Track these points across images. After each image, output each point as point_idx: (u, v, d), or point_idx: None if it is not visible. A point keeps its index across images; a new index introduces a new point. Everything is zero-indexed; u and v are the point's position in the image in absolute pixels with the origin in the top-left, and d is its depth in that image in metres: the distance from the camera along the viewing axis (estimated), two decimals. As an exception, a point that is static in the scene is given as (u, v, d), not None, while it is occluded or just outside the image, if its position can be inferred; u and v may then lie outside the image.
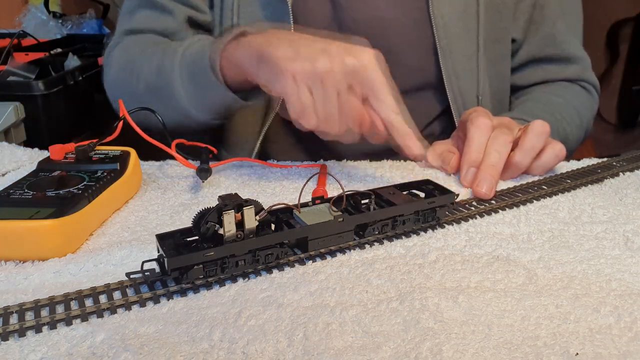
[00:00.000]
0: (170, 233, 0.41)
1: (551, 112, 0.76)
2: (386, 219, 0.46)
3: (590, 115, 0.84)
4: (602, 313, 0.37)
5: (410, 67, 0.77)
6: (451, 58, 0.74)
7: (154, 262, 0.41)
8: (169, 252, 0.39)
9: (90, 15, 1.65)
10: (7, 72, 0.95)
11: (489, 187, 0.55)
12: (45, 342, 0.34)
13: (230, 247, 0.40)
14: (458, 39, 0.74)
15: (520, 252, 0.45)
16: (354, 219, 0.45)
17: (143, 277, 0.39)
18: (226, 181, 0.61)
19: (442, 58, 0.74)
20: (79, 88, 1.00)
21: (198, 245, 0.40)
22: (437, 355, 0.33)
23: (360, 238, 0.46)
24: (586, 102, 0.83)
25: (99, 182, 0.50)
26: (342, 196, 0.45)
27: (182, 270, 0.39)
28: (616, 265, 0.43)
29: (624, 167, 0.63)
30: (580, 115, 0.81)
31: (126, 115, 0.57)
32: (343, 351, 0.33)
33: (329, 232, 0.44)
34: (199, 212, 0.40)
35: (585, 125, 0.82)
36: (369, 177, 0.62)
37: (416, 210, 0.47)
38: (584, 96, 0.84)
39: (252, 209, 0.40)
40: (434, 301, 0.38)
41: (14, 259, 0.44)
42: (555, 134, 0.73)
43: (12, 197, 0.47)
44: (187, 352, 0.33)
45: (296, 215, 0.44)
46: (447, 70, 0.75)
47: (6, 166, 0.64)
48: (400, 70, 0.76)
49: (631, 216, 0.51)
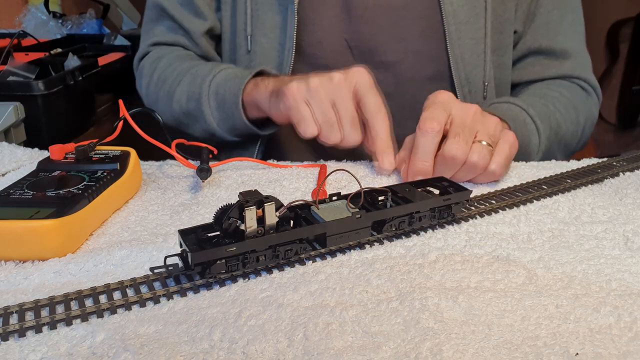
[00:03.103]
0: (192, 229, 0.41)
1: (544, 102, 0.76)
2: (403, 216, 0.47)
3: (589, 115, 0.83)
4: (602, 313, 0.37)
5: (420, 55, 0.77)
6: (459, 44, 0.75)
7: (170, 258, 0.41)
8: (192, 247, 0.39)
9: (90, 15, 1.65)
10: (7, 72, 0.95)
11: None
12: (45, 342, 0.34)
13: (251, 243, 0.40)
14: (466, 25, 0.75)
15: (520, 252, 0.45)
16: (372, 215, 0.45)
17: (167, 271, 0.40)
18: (226, 181, 0.61)
19: (449, 44, 0.75)
20: (79, 88, 1.00)
21: (220, 241, 0.41)
22: (437, 355, 0.33)
23: (378, 234, 0.46)
24: (585, 100, 0.82)
25: (99, 182, 0.50)
26: (359, 193, 0.46)
27: (205, 265, 0.39)
28: (616, 265, 0.43)
29: (624, 167, 0.63)
30: (576, 111, 0.80)
31: (126, 115, 0.57)
32: (343, 351, 0.33)
33: (347, 228, 0.44)
34: (221, 207, 0.41)
35: (582, 122, 0.81)
36: (369, 177, 0.63)
37: (432, 207, 0.48)
38: (582, 95, 0.83)
39: (272, 205, 0.41)
40: (434, 301, 0.38)
41: (14, 259, 0.44)
42: (546, 122, 0.74)
43: (12, 197, 0.47)
44: (187, 352, 0.33)
45: (314, 211, 0.45)
46: (454, 57, 0.75)
47: (6, 166, 0.64)
48: (410, 59, 0.78)
49: (631, 216, 0.51)
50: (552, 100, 0.77)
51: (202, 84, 0.77)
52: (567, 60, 0.81)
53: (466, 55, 0.76)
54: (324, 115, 0.62)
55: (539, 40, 0.81)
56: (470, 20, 0.75)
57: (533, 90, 0.81)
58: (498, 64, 0.80)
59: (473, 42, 0.75)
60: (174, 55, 0.85)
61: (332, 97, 0.62)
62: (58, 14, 1.66)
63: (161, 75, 0.84)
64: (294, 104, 0.63)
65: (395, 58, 0.78)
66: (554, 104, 0.76)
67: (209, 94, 0.76)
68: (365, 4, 0.76)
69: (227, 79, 0.75)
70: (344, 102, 0.62)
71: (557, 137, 0.76)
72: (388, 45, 0.77)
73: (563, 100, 0.78)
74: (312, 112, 0.62)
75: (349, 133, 0.62)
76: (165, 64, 0.84)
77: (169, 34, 0.87)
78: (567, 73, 0.82)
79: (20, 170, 0.62)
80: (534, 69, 0.83)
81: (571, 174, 0.61)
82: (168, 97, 0.82)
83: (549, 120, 0.74)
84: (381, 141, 0.62)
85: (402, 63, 0.78)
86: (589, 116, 0.83)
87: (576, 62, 0.82)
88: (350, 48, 0.79)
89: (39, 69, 1.00)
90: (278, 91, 0.66)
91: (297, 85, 0.63)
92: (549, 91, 0.79)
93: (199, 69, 0.80)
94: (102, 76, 1.11)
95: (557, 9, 0.80)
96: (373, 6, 0.76)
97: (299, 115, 0.63)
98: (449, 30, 0.74)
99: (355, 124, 0.62)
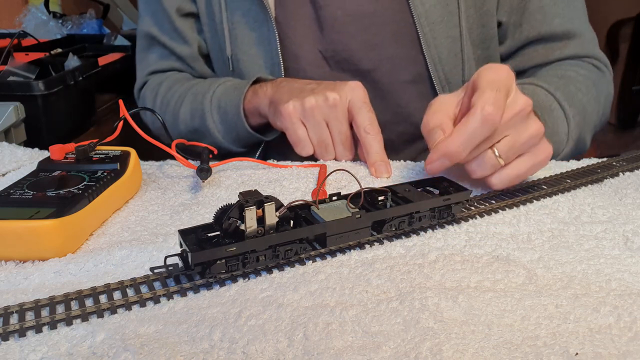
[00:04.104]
0: (192, 229, 0.41)
1: (565, 82, 0.71)
2: (403, 216, 0.47)
3: (606, 92, 0.78)
4: (602, 313, 0.37)
5: (397, 59, 0.77)
6: (434, 44, 0.74)
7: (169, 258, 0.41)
8: (192, 247, 0.39)
9: (90, 15, 1.65)
10: (7, 72, 0.95)
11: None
12: (45, 342, 0.34)
13: (251, 243, 0.40)
14: (440, 24, 0.74)
15: (520, 252, 0.45)
16: (371, 215, 0.45)
17: (167, 271, 0.40)
18: (226, 181, 0.61)
19: (424, 45, 0.74)
20: (79, 88, 1.00)
21: (220, 241, 0.41)
22: (437, 355, 0.33)
23: (378, 234, 0.47)
24: (601, 78, 0.78)
25: (99, 182, 0.50)
26: (359, 193, 0.46)
27: (205, 265, 0.39)
28: (616, 265, 0.43)
29: (624, 167, 0.63)
30: (596, 88, 0.74)
31: (126, 115, 0.58)
32: (343, 351, 0.33)
33: (347, 228, 0.44)
34: (221, 207, 0.41)
35: (602, 101, 0.76)
36: (368, 177, 0.63)
37: (432, 207, 0.48)
38: (597, 73, 0.78)
39: (272, 205, 0.41)
40: (433, 301, 0.38)
41: (14, 259, 0.44)
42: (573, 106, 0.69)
43: (13, 197, 0.47)
44: (187, 352, 0.33)
45: (314, 211, 0.45)
46: (431, 57, 0.75)
47: (6, 166, 0.64)
48: (387, 64, 0.78)
49: (631, 216, 0.51)
50: (572, 80, 0.72)
51: (204, 100, 0.78)
52: (571, 40, 0.78)
53: (443, 55, 0.75)
54: (319, 136, 0.66)
55: (537, 27, 0.77)
56: (445, 19, 0.73)
57: (547, 71, 0.76)
58: (484, 57, 0.78)
59: (449, 40, 0.74)
60: (173, 78, 0.87)
61: (327, 118, 0.65)
62: (58, 14, 1.66)
63: (163, 100, 0.86)
64: (290, 125, 0.66)
65: (371, 65, 0.78)
66: (574, 84, 0.72)
67: (212, 109, 0.78)
68: (335, 14, 0.76)
69: (227, 91, 0.77)
70: (338, 123, 0.65)
71: (585, 121, 0.72)
72: (362, 53, 0.77)
73: (581, 79, 0.73)
74: (308, 132, 0.66)
75: (341, 152, 0.67)
76: (166, 88, 0.86)
77: (163, 61, 0.89)
78: (575, 53, 0.78)
79: (21, 170, 0.62)
80: (538, 54, 0.79)
81: (571, 174, 0.61)
82: (173, 119, 0.83)
83: (574, 102, 0.69)
84: (374, 155, 0.63)
85: (379, 69, 0.78)
86: (607, 94, 0.79)
87: (582, 41, 0.78)
88: (326, 59, 0.79)
89: (39, 69, 1.00)
90: (275, 106, 0.68)
91: (293, 105, 0.65)
92: (564, 72, 0.74)
93: (199, 87, 0.81)
94: (102, 76, 1.11)
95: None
96: (343, 16, 0.76)
97: (294, 137, 0.66)
98: (422, 32, 0.73)
99: (347, 144, 0.66)
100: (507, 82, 0.51)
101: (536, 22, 0.77)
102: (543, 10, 0.77)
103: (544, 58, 0.79)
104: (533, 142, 0.53)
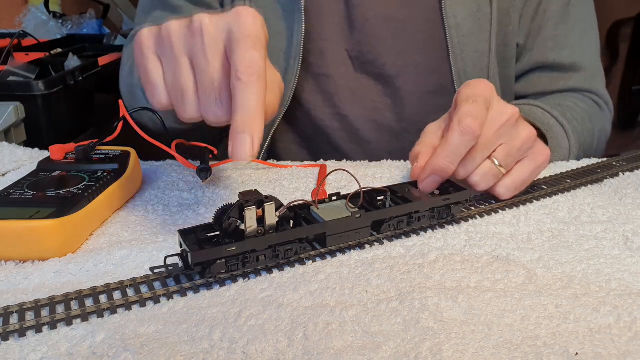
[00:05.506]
0: (192, 229, 0.41)
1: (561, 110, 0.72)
2: (402, 216, 0.47)
3: (602, 128, 0.79)
4: (602, 313, 0.37)
5: (422, 68, 0.76)
6: (462, 58, 0.73)
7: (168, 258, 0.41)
8: (192, 247, 0.39)
9: (90, 15, 1.66)
10: (7, 72, 0.95)
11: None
12: (45, 342, 0.34)
13: (251, 243, 0.40)
14: (470, 38, 0.73)
15: (520, 252, 0.45)
16: (371, 215, 0.46)
17: (167, 271, 0.40)
18: (226, 181, 0.61)
19: (452, 57, 0.73)
20: (79, 88, 1.00)
21: (220, 241, 0.41)
22: (437, 355, 0.33)
23: (377, 234, 0.47)
24: (598, 114, 0.79)
25: (99, 182, 0.50)
26: (358, 193, 0.46)
27: (205, 264, 0.39)
28: (616, 265, 0.43)
29: (624, 167, 0.63)
30: (591, 122, 0.76)
31: (126, 115, 0.57)
32: (343, 351, 0.33)
33: (347, 228, 0.45)
34: (221, 207, 0.41)
35: (597, 135, 0.78)
36: (369, 177, 0.63)
37: (431, 207, 0.48)
38: (595, 108, 0.79)
39: (272, 205, 0.41)
40: (433, 301, 0.38)
41: (14, 259, 0.44)
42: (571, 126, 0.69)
43: (13, 197, 0.47)
44: (187, 352, 0.33)
45: (314, 211, 0.45)
46: (457, 70, 0.73)
47: (6, 166, 0.64)
48: (412, 72, 0.76)
49: (631, 216, 0.51)
50: (569, 109, 0.74)
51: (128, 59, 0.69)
52: (576, 73, 0.79)
53: (469, 68, 0.74)
54: (173, 77, 0.43)
55: (546, 54, 0.78)
56: (475, 33, 0.73)
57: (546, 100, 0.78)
58: (503, 76, 0.78)
59: (477, 55, 0.74)
60: None
61: (191, 53, 0.43)
62: (58, 14, 1.66)
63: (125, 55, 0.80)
64: (141, 60, 0.45)
65: (395, 71, 0.76)
66: (571, 112, 0.73)
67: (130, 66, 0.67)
68: (367, 15, 0.75)
69: None
70: (203, 60, 0.42)
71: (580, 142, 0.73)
72: (388, 58, 0.76)
73: (578, 110, 0.75)
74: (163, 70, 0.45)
75: (207, 107, 0.43)
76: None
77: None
78: (577, 86, 0.79)
79: (21, 170, 0.62)
80: (541, 82, 0.80)
81: (571, 174, 0.61)
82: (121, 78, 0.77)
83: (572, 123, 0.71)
84: (241, 117, 0.40)
85: (402, 76, 0.76)
86: (602, 129, 0.80)
87: (587, 75, 0.79)
88: (351, 59, 0.77)
89: (39, 69, 1.00)
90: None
91: (148, 32, 0.45)
92: (562, 101, 0.76)
93: None
94: (102, 76, 1.11)
95: (564, 23, 0.78)
96: (374, 17, 0.74)
97: (144, 76, 0.45)
98: (452, 43, 0.72)
99: (215, 95, 0.42)
100: (484, 92, 0.52)
101: (546, 49, 0.78)
102: (556, 38, 0.78)
103: (547, 87, 0.79)
104: (527, 145, 0.53)
